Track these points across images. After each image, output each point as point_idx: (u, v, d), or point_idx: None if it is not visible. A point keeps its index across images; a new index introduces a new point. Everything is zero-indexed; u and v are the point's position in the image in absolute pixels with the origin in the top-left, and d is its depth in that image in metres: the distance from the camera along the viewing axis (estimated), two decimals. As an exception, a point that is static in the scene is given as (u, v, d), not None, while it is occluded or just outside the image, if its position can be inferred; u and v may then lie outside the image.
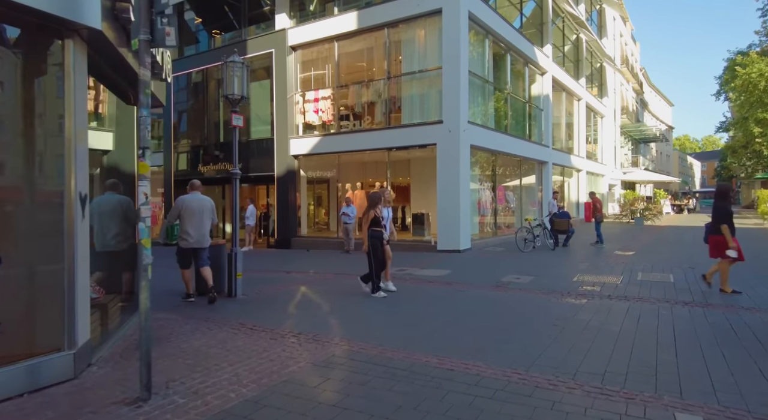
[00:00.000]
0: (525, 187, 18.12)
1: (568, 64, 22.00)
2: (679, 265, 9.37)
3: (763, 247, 13.20)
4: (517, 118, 16.77)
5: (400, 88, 13.69)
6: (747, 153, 28.02)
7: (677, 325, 5.10)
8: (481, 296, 6.97)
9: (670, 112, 57.19)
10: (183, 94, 18.35)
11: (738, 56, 26.08)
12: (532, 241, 12.30)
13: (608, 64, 27.51)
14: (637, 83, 36.88)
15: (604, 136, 27.46)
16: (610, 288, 7.30)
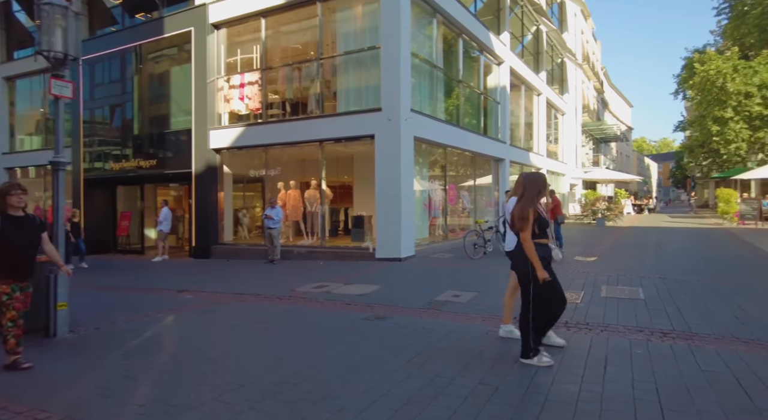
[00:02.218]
0: (481, 186, 16.71)
1: (527, 56, 20.81)
2: (648, 275, 8.00)
3: (736, 255, 12.16)
4: (471, 110, 15.31)
5: (336, 71, 11.94)
6: (704, 152, 27.76)
7: (661, 380, 3.53)
8: (402, 328, 5.27)
9: (630, 112, 57.88)
10: (93, 80, 15.96)
11: (696, 54, 25.75)
12: (483, 246, 10.77)
13: (569, 59, 26.64)
14: (598, 82, 36.49)
15: (565, 133, 26.57)
16: (569, 310, 5.73)
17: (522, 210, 3.79)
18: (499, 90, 16.91)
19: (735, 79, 22.50)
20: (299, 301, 6.77)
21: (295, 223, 12.97)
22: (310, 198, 12.19)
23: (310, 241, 12.25)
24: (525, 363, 3.83)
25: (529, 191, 3.85)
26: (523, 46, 20.57)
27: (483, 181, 16.83)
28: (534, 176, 4.03)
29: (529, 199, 3.83)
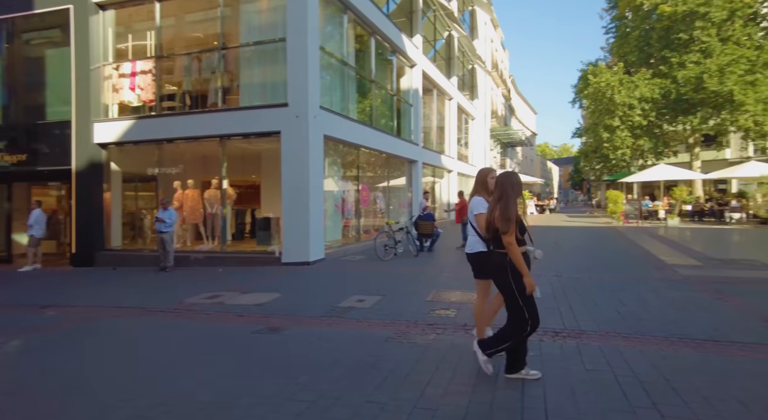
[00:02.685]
0: (395, 187, 16.75)
1: (439, 61, 21.33)
2: (545, 273, 8.35)
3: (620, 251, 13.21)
4: (384, 111, 15.26)
5: (240, 63, 11.18)
6: (596, 157, 30.37)
7: (549, 384, 3.51)
8: (296, 341, 4.88)
9: (534, 119, 62.26)
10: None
11: (590, 67, 28.14)
12: (393, 247, 10.69)
13: (479, 66, 27.82)
14: (505, 89, 38.65)
15: (474, 137, 27.70)
16: (468, 310, 5.73)
17: (507, 210, 3.40)
18: (412, 92, 17.07)
19: (621, 92, 24.87)
20: (185, 314, 6.09)
21: (195, 226, 11.98)
22: (210, 198, 11.30)
23: (210, 246, 11.35)
24: (512, 378, 3.55)
25: (512, 191, 3.52)
26: (436, 50, 21.06)
27: (397, 182, 16.88)
28: (514, 176, 3.65)
29: (513, 199, 3.50)
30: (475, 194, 4.09)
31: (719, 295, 6.34)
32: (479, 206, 3.94)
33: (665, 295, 6.46)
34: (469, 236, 4.11)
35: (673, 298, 6.25)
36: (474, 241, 4.01)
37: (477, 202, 3.99)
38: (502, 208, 3.42)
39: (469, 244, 4.08)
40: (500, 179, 3.64)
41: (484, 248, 3.88)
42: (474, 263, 4.08)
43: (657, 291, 6.73)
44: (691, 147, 27.74)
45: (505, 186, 3.53)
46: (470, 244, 4.07)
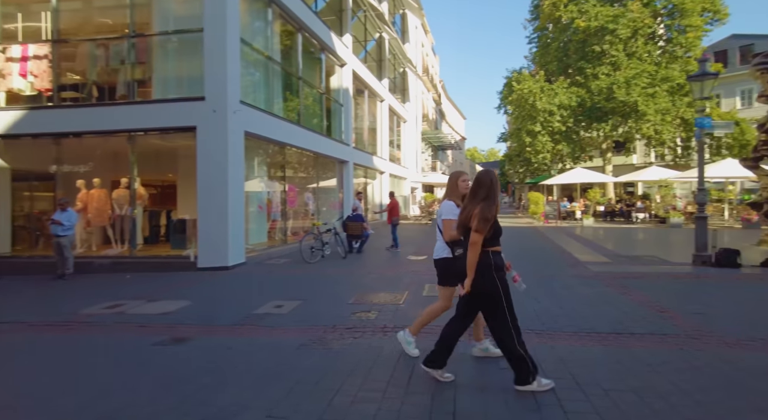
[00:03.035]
0: (326, 188, 16.44)
1: (370, 62, 21.33)
2: (468, 272, 8.49)
3: (539, 249, 13.77)
4: (313, 110, 14.91)
5: (152, 52, 10.35)
6: (520, 160, 31.90)
7: (463, 386, 3.45)
8: (201, 352, 4.49)
9: (464, 124, 64.42)
10: None
11: (514, 74, 29.57)
12: (320, 249, 10.41)
13: (411, 70, 28.21)
14: (436, 94, 39.59)
15: (406, 140, 28.03)
16: (389, 312, 5.63)
17: (489, 210, 3.25)
18: (342, 92, 16.86)
19: (542, 99, 26.35)
20: (80, 327, 5.43)
21: (102, 229, 10.92)
22: (119, 199, 10.36)
23: (118, 251, 10.40)
24: (523, 390, 3.26)
25: (492, 191, 3.35)
26: (367, 52, 21.03)
27: (328, 183, 16.58)
28: (494, 175, 3.47)
29: (494, 200, 3.33)
30: (446, 198, 3.93)
31: (624, 290, 6.74)
32: (448, 211, 3.77)
33: (577, 291, 6.76)
34: (437, 241, 3.97)
35: (584, 294, 6.55)
36: (440, 247, 3.89)
37: (447, 206, 3.81)
38: (484, 208, 3.24)
39: (436, 250, 3.96)
40: (486, 178, 3.41)
41: (449, 254, 3.77)
42: (440, 269, 3.96)
43: (570, 287, 7.04)
44: (604, 152, 30.02)
45: (493, 185, 3.36)
46: (437, 249, 3.94)
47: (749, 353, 4.07)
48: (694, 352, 4.07)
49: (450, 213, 3.76)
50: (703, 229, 8.89)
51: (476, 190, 3.39)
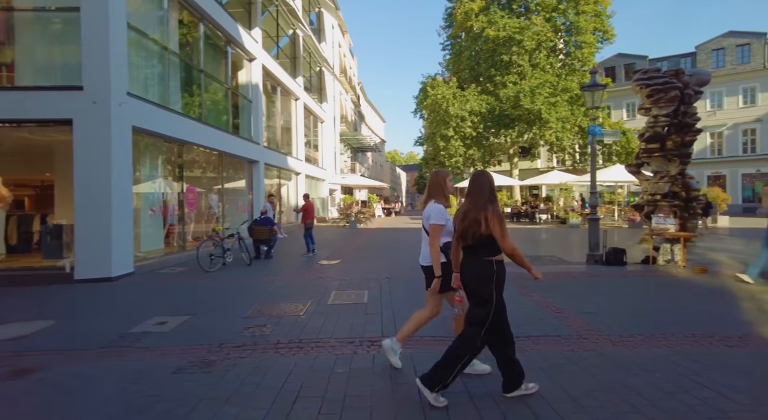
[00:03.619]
0: (234, 189, 15.48)
1: (284, 59, 20.58)
2: (378, 275, 8.31)
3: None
4: (217, 106, 13.94)
5: (15, 31, 8.94)
6: (435, 164, 32.79)
7: (349, 405, 3.16)
8: (48, 386, 3.76)
9: (383, 127, 65.16)
10: None
11: (429, 79, 30.34)
12: (222, 256, 9.65)
13: (327, 69, 27.76)
14: (355, 95, 39.47)
15: (324, 141, 27.53)
16: (288, 324, 5.22)
17: (501, 213, 3.08)
18: (251, 88, 16.01)
19: (454, 105, 27.29)
20: None
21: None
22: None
23: (-28, 263, 8.84)
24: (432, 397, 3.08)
25: (494, 195, 3.16)
26: (280, 48, 20.26)
27: (236, 184, 15.64)
28: (491, 177, 3.27)
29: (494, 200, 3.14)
30: (430, 200, 3.65)
31: (525, 291, 6.92)
32: (438, 215, 3.49)
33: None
34: (424, 247, 3.69)
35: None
36: (428, 252, 3.58)
37: (436, 210, 3.52)
38: (498, 212, 3.05)
39: (424, 256, 3.67)
40: (485, 180, 3.20)
41: (444, 259, 3.52)
42: (427, 274, 3.68)
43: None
44: (511, 157, 31.85)
45: (492, 187, 3.18)
46: (425, 255, 3.66)
47: (631, 349, 4.25)
48: (584, 353, 4.16)
49: (440, 217, 3.49)
50: (595, 230, 9.51)
51: (477, 193, 3.17)
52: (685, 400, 3.20)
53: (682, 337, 4.60)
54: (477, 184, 3.20)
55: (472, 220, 3.09)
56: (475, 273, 3.16)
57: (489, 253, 3.12)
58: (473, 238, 3.11)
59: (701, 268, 8.32)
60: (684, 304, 6.01)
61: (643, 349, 4.28)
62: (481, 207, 3.09)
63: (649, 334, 4.73)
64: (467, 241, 3.16)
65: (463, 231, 3.16)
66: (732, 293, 6.61)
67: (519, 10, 29.45)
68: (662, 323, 5.09)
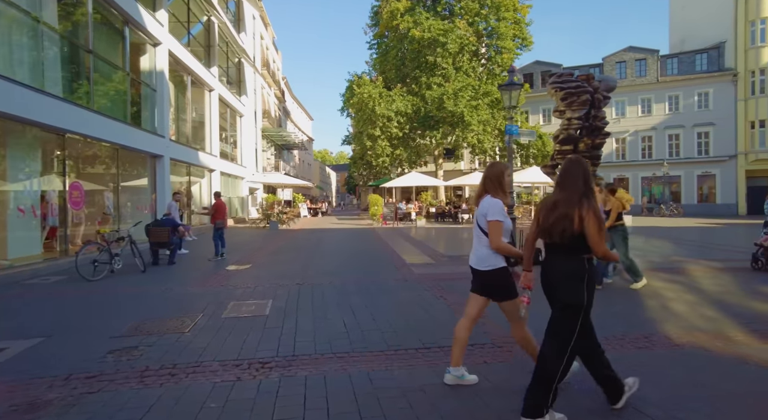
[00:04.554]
0: (134, 187, 13.90)
1: (196, 47, 19.02)
2: (288, 282, 7.60)
3: (369, 252, 13.57)
4: (111, 93, 12.37)
5: None
6: (363, 163, 32.38)
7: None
8: None
9: (311, 125, 63.80)
10: None
11: (355, 77, 29.84)
12: (108, 262, 8.40)
13: (247, 61, 26.27)
14: (279, 90, 37.99)
15: (244, 136, 26.04)
16: (166, 345, 4.40)
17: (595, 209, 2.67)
18: (156, 76, 14.49)
19: (380, 104, 27.01)
20: None
21: None
22: None
23: None
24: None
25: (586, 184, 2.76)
26: (192, 35, 18.70)
27: (136, 181, 14.06)
28: (583, 164, 2.83)
29: (590, 194, 2.75)
30: (486, 193, 3.24)
31: (442, 293, 6.59)
32: (498, 211, 3.08)
33: (397, 297, 6.38)
34: (479, 248, 3.23)
35: (402, 300, 6.18)
36: (488, 254, 3.15)
37: (495, 205, 3.11)
38: (596, 209, 2.65)
39: (482, 258, 3.19)
40: (579, 168, 2.77)
41: (503, 262, 3.14)
42: (489, 281, 3.19)
43: (390, 292, 6.65)
44: (437, 158, 32.27)
45: (588, 177, 2.74)
46: (483, 257, 3.18)
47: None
48: (496, 365, 3.81)
49: (500, 213, 3.08)
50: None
51: (569, 184, 2.75)
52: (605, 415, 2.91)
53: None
54: (569, 174, 2.78)
55: (562, 215, 2.70)
56: (564, 273, 2.74)
57: (579, 250, 2.72)
58: (561, 235, 2.71)
59: (610, 266, 8.52)
60: (595, 305, 5.95)
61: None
62: (574, 202, 2.69)
63: (563, 338, 4.51)
64: (553, 238, 2.76)
65: (549, 227, 2.76)
66: (636, 291, 6.74)
67: (444, 13, 29.88)
68: (575, 325, 4.93)
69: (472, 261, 3.30)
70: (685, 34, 37.42)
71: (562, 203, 2.75)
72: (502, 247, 3.08)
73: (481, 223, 3.21)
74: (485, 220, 3.15)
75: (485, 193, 3.26)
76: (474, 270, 3.28)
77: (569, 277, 2.73)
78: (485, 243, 3.16)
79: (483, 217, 3.18)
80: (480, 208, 3.23)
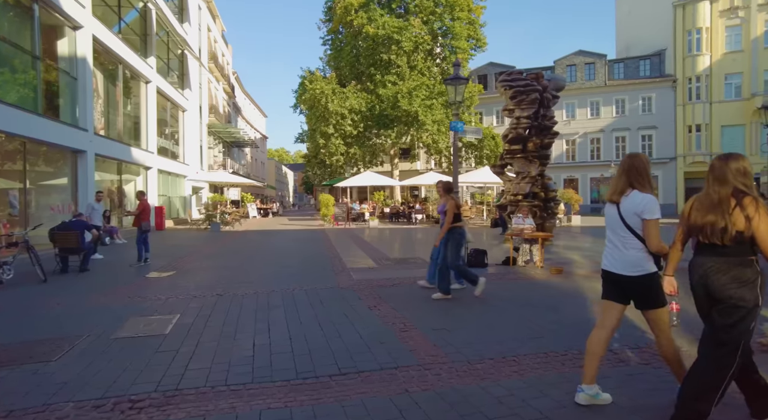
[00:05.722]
0: (47, 186, 12.51)
1: (130, 35, 17.58)
2: (210, 291, 6.77)
3: (310, 257, 12.89)
4: (17, 79, 11.00)
5: None
6: (317, 162, 31.48)
7: None
8: None
9: (265, 122, 61.87)
10: None
11: (307, 73, 28.89)
12: (-4, 271, 7.26)
13: (190, 53, 24.80)
14: (228, 85, 36.37)
15: (187, 132, 24.56)
16: (16, 379, 3.54)
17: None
18: (77, 63, 13.12)
19: (334, 101, 26.24)
20: None
21: None
22: None
23: None
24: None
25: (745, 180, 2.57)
26: (126, 23, 17.27)
27: (54, 180, 12.66)
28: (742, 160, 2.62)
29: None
30: (631, 188, 2.90)
31: (375, 303, 5.99)
32: (656, 208, 2.80)
33: (324, 309, 5.71)
34: (626, 251, 2.89)
35: (330, 313, 5.51)
36: (640, 258, 2.85)
37: (650, 201, 2.81)
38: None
39: (632, 263, 2.86)
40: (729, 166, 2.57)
41: (655, 267, 2.86)
42: (639, 288, 2.87)
43: (319, 304, 5.96)
44: (392, 158, 31.83)
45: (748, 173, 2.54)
46: (634, 261, 2.85)
47: (476, 382, 3.43)
48: (419, 396, 3.22)
49: (658, 211, 2.80)
50: (458, 231, 9.02)
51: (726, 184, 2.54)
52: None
53: (534, 358, 3.94)
54: (719, 171, 2.58)
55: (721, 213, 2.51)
56: (733, 277, 2.48)
57: (744, 251, 2.49)
58: (720, 236, 2.50)
59: (557, 269, 8.24)
60: (538, 311, 5.54)
61: (490, 380, 3.49)
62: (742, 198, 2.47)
63: (500, 355, 4.00)
64: (710, 238, 2.56)
65: (703, 226, 2.57)
66: (583, 297, 6.40)
67: (399, 11, 29.47)
68: (516, 339, 4.45)
69: (613, 266, 2.96)
70: (630, 41, 38.87)
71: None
72: (664, 248, 2.82)
73: (631, 223, 2.86)
74: (637, 219, 2.83)
75: (630, 188, 2.91)
76: (616, 276, 2.94)
77: (741, 279, 2.49)
78: (635, 245, 2.85)
79: (634, 215, 2.84)
80: (628, 206, 2.88)
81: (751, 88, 31.53)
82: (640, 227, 2.84)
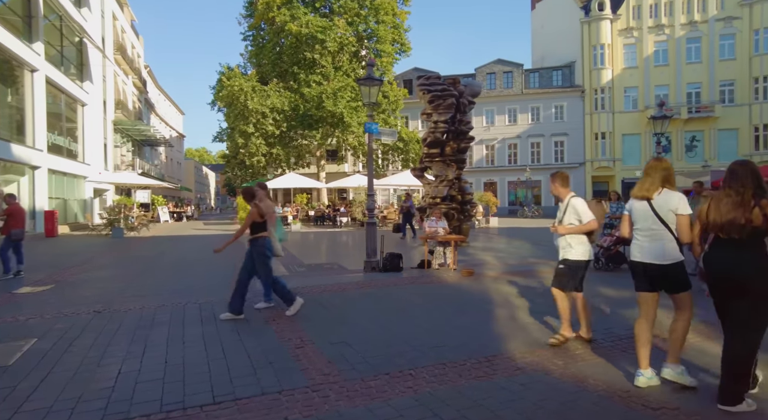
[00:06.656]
0: None
1: (12, 16, 15.51)
2: (87, 308, 5.92)
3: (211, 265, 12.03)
4: None
5: None
6: (237, 163, 29.98)
7: None
8: None
9: (182, 120, 58.32)
10: None
11: (225, 68, 27.47)
12: None
13: (90, 42, 22.52)
14: (139, 80, 33.65)
15: (88, 129, 22.27)
16: None
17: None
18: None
19: (254, 99, 25.13)
20: None
21: None
22: None
23: None
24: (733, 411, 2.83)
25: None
26: (3, 2, 15.21)
27: None
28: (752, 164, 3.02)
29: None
30: (662, 187, 3.33)
31: (275, 315, 5.55)
32: (687, 204, 3.24)
33: (216, 325, 5.17)
34: (663, 243, 3.28)
35: (220, 330, 4.97)
36: (673, 248, 3.26)
37: (683, 198, 3.27)
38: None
39: (668, 253, 3.25)
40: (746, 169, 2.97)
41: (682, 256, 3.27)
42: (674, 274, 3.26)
43: (210, 321, 5.38)
44: (318, 160, 31.18)
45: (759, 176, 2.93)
46: (670, 251, 3.25)
47: (365, 405, 3.15)
48: None
49: (689, 207, 3.25)
50: (372, 235, 8.83)
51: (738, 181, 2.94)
52: None
53: (432, 370, 3.74)
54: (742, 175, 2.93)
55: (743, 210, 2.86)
56: (760, 268, 2.83)
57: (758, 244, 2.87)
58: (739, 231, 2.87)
59: (468, 271, 8.28)
60: (445, 317, 5.41)
61: (381, 400, 3.22)
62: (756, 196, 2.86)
63: (397, 369, 3.76)
64: (731, 233, 2.90)
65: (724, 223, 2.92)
66: (489, 298, 6.40)
67: (323, 10, 28.94)
68: (417, 349, 4.25)
69: (650, 258, 3.30)
70: (545, 52, 41.42)
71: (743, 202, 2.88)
72: (695, 239, 3.21)
73: (666, 218, 3.27)
74: (673, 215, 3.25)
75: (663, 187, 3.33)
76: (653, 266, 3.29)
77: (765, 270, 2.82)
78: (670, 237, 3.25)
79: (670, 211, 3.26)
80: (663, 203, 3.29)
81: (644, 101, 34.87)
82: (673, 221, 3.25)
